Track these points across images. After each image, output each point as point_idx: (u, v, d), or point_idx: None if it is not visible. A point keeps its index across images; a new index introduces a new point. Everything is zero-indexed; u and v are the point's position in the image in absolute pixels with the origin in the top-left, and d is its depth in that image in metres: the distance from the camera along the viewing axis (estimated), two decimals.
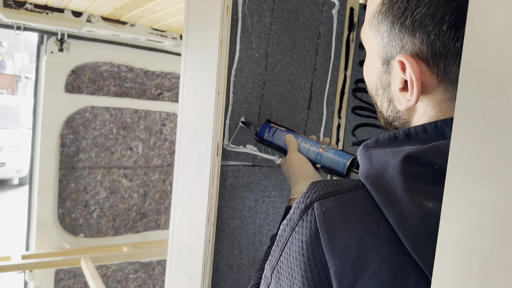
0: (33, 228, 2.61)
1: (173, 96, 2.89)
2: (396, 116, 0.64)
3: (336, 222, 0.52)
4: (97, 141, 2.70)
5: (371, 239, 0.50)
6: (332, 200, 0.53)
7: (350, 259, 0.51)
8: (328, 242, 0.52)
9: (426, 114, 0.58)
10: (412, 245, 0.48)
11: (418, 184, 0.50)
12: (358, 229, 0.51)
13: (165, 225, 3.07)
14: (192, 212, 1.09)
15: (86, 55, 2.53)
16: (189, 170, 1.12)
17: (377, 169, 0.53)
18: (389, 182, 0.51)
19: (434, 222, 0.47)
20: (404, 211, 0.49)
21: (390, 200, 0.50)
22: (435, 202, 0.48)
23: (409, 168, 0.51)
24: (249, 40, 1.21)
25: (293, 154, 1.07)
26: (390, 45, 0.59)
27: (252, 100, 1.26)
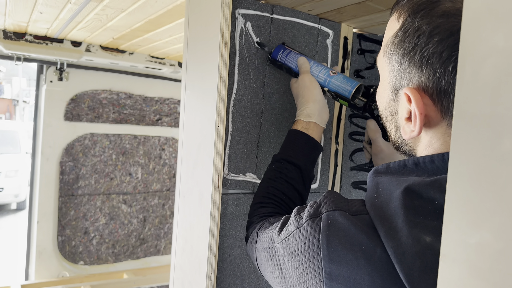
0: (33, 257, 2.59)
1: (171, 121, 2.91)
2: (402, 143, 0.67)
3: (338, 238, 0.55)
4: (96, 167, 2.71)
5: (367, 262, 0.52)
6: (338, 216, 0.57)
7: (343, 274, 0.54)
8: (327, 254, 0.55)
9: (431, 145, 0.60)
10: (408, 277, 0.49)
11: (418, 218, 0.51)
12: (356, 249, 0.53)
13: (165, 250, 3.05)
14: (194, 244, 1.09)
15: (85, 83, 2.56)
16: (190, 201, 1.13)
17: (382, 200, 0.56)
18: (392, 215, 0.53)
19: (430, 257, 0.48)
20: (402, 244, 0.50)
21: (391, 232, 0.52)
22: (433, 236, 0.49)
23: (411, 202, 0.52)
24: (247, 72, 1.24)
25: (305, 75, 1.09)
26: (399, 76, 0.61)
27: (251, 129, 1.28)
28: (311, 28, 1.37)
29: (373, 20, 1.37)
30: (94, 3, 1.54)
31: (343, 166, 1.53)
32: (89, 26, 1.93)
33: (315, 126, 1.02)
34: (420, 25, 0.57)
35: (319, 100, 1.04)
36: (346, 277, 0.54)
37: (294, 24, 1.33)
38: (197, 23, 1.20)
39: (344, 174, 1.53)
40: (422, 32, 0.57)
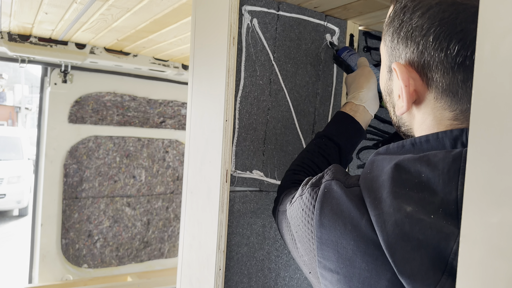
0: (36, 260, 2.58)
1: (175, 124, 2.91)
2: (400, 122, 0.69)
3: (330, 205, 0.59)
4: (100, 170, 2.70)
5: (353, 228, 0.56)
6: (334, 185, 0.61)
7: (332, 239, 0.58)
8: (319, 219, 0.60)
9: (424, 121, 0.62)
10: (386, 243, 0.51)
11: (403, 190, 0.53)
12: (345, 216, 0.57)
13: (169, 253, 3.03)
14: (202, 240, 1.08)
15: (90, 86, 2.56)
16: (198, 197, 1.13)
17: (374, 175, 0.58)
18: (379, 187, 0.56)
19: (408, 225, 0.50)
20: (384, 212, 0.53)
21: (375, 202, 0.55)
22: (415, 207, 0.51)
23: (398, 175, 0.55)
24: (253, 68, 1.24)
25: (365, 68, 1.14)
26: (392, 54, 0.64)
27: (258, 126, 1.27)
28: (317, 25, 1.37)
29: (379, 17, 1.37)
30: (99, 2, 1.54)
31: (350, 164, 1.52)
32: (94, 27, 1.93)
33: (364, 111, 1.05)
34: (406, 3, 0.61)
35: (373, 89, 1.08)
36: (335, 241, 0.57)
37: (300, 21, 1.33)
38: (204, 18, 1.20)
39: (350, 172, 1.52)
40: (407, 9, 0.60)
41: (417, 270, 0.49)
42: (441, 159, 0.53)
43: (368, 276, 0.54)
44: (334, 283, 0.59)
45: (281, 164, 1.34)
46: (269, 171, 1.31)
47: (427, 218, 0.50)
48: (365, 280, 0.55)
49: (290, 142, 1.35)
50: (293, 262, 1.40)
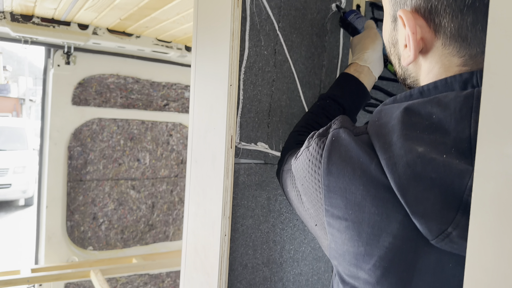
0: (42, 242, 2.59)
1: (179, 107, 2.90)
2: (406, 74, 0.67)
3: (338, 152, 0.58)
4: (104, 153, 2.70)
5: (362, 173, 0.55)
6: (342, 133, 0.59)
7: (340, 185, 0.56)
8: (326, 167, 0.58)
9: (431, 70, 0.60)
10: (397, 185, 0.50)
11: (414, 132, 0.52)
12: (354, 162, 0.56)
13: (174, 236, 3.04)
14: (207, 208, 1.08)
15: (93, 68, 2.55)
16: (203, 165, 1.12)
17: (382, 121, 0.57)
18: (389, 132, 0.54)
19: (420, 165, 0.49)
20: (395, 155, 0.51)
21: (385, 146, 0.53)
22: (426, 147, 0.50)
23: (409, 118, 0.53)
24: (257, 38, 1.22)
25: (372, 29, 1.12)
26: (396, 3, 0.62)
27: (262, 98, 1.26)
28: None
29: None
30: None
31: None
32: (96, 5, 1.92)
33: (368, 72, 1.04)
34: None
35: (378, 50, 1.06)
36: (343, 187, 0.56)
37: None
38: None
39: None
40: None
41: (431, 210, 0.48)
42: (452, 99, 0.52)
43: (378, 220, 0.53)
44: (342, 230, 0.57)
45: (286, 136, 1.33)
46: (274, 144, 1.30)
47: (440, 157, 0.49)
48: (375, 224, 0.54)
49: (295, 115, 1.34)
50: (299, 235, 1.39)
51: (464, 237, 0.47)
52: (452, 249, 0.49)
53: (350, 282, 0.59)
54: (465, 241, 0.47)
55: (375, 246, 0.54)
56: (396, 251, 0.52)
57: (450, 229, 0.48)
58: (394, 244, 0.52)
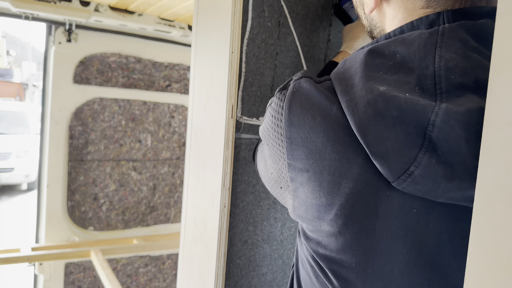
0: (43, 221, 2.59)
1: (181, 88, 2.87)
2: (372, 25, 0.66)
3: (299, 102, 0.55)
4: (105, 133, 2.68)
5: (323, 119, 0.53)
6: (303, 82, 0.57)
7: (301, 135, 0.54)
8: (288, 118, 0.56)
9: (395, 16, 0.59)
10: (358, 126, 0.48)
11: (377, 73, 0.50)
12: (315, 109, 0.54)
13: (175, 218, 3.04)
14: (207, 179, 1.06)
15: (94, 46, 2.52)
16: (203, 136, 1.10)
17: (346, 67, 0.55)
18: (351, 75, 0.53)
19: (382, 103, 0.47)
20: (356, 96, 0.50)
21: (347, 88, 0.51)
22: (388, 87, 0.48)
23: (372, 60, 0.52)
24: (261, 9, 1.19)
25: None
26: None
27: (265, 71, 1.23)
28: None
29: None
30: None
31: None
32: None
33: None
34: None
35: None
36: (304, 137, 0.54)
37: None
38: None
39: None
40: None
41: (392, 149, 0.46)
42: (417, 36, 0.50)
43: (338, 166, 0.51)
44: (304, 183, 0.55)
45: None
46: None
47: (402, 95, 0.47)
48: (335, 170, 0.51)
49: None
50: None
51: (428, 176, 0.45)
52: (415, 191, 0.47)
53: (314, 237, 0.57)
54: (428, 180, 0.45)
55: (336, 194, 0.52)
56: (357, 197, 0.51)
57: (412, 168, 0.45)
58: (354, 189, 0.51)
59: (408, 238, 0.49)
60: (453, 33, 0.49)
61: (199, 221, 1.09)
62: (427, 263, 0.50)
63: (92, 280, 2.78)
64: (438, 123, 0.44)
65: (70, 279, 2.70)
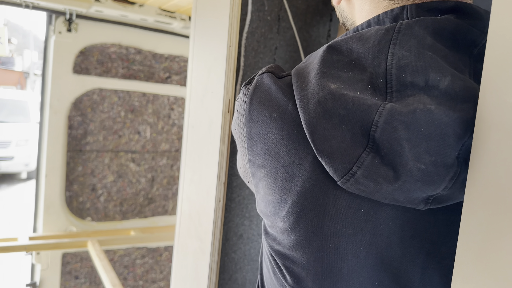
0: (40, 211, 2.59)
1: (181, 80, 2.86)
2: (344, 17, 0.66)
3: (259, 97, 0.55)
4: (104, 124, 2.68)
5: (278, 116, 0.52)
6: (266, 77, 0.56)
7: (259, 131, 0.54)
8: (248, 114, 0.56)
9: (363, 9, 0.59)
10: (307, 124, 0.48)
11: (332, 70, 0.50)
12: (272, 105, 0.53)
13: (173, 211, 3.04)
14: (202, 173, 1.05)
15: (94, 36, 2.51)
16: (199, 130, 1.09)
17: (308, 62, 0.55)
18: (309, 71, 0.52)
19: (330, 102, 0.46)
20: (309, 93, 0.49)
21: (302, 85, 0.51)
22: (341, 84, 0.48)
23: (330, 56, 0.51)
24: (261, 2, 1.18)
25: None
26: None
27: (264, 66, 1.22)
28: None
29: None
30: None
31: None
32: None
33: None
34: None
35: None
36: (261, 133, 0.54)
37: None
38: None
39: None
40: None
41: (336, 148, 0.46)
42: (374, 33, 0.49)
43: (291, 163, 0.51)
44: (262, 179, 0.55)
45: None
46: None
47: (352, 93, 0.46)
48: (288, 168, 0.52)
49: None
50: None
51: (370, 177, 0.44)
52: (359, 191, 0.47)
53: (271, 233, 0.58)
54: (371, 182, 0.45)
55: (288, 191, 0.52)
56: (306, 195, 0.51)
57: (355, 168, 0.45)
58: (304, 187, 0.51)
59: (357, 238, 0.49)
60: (409, 30, 0.47)
61: (194, 215, 1.09)
62: (377, 263, 0.50)
63: (89, 270, 2.79)
64: (381, 124, 0.43)
65: (67, 269, 2.71)
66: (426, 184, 0.43)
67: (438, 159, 0.42)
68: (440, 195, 0.44)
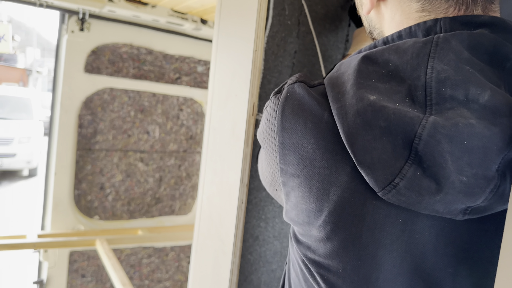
0: (49, 209, 2.60)
1: (191, 81, 2.87)
2: (371, 26, 0.66)
3: (292, 107, 0.55)
4: (114, 123, 2.69)
5: (313, 126, 0.53)
6: (297, 87, 0.56)
7: (293, 141, 0.55)
8: (281, 123, 0.56)
9: (393, 19, 0.59)
10: (346, 134, 0.49)
11: (369, 81, 0.50)
12: (306, 115, 0.54)
13: (180, 211, 3.05)
14: (224, 175, 1.06)
15: (107, 36, 2.52)
16: (221, 132, 1.10)
17: (340, 72, 0.55)
18: (344, 81, 0.52)
19: (370, 113, 0.47)
20: (346, 104, 0.50)
21: (338, 95, 0.52)
22: (379, 96, 0.48)
23: (365, 67, 0.52)
24: (282, 7, 1.19)
25: None
26: None
27: (283, 69, 1.24)
28: None
29: None
30: None
31: None
32: None
33: None
34: None
35: None
36: (295, 142, 0.55)
37: None
38: None
39: None
40: None
41: (378, 159, 0.46)
42: (411, 45, 0.50)
43: (327, 173, 0.52)
44: (295, 188, 0.56)
45: None
46: None
47: (392, 105, 0.47)
48: (324, 178, 0.52)
49: None
50: None
51: (412, 189, 0.45)
52: (399, 202, 0.48)
53: (304, 241, 0.58)
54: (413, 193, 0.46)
55: (325, 200, 0.53)
56: (344, 205, 0.51)
57: (397, 180, 0.46)
58: (342, 197, 0.51)
59: (394, 247, 0.50)
60: (447, 44, 0.49)
61: (214, 216, 1.10)
62: (410, 271, 0.50)
63: (95, 269, 2.80)
64: (425, 137, 0.44)
65: (74, 267, 2.72)
66: (467, 196, 0.44)
67: (479, 172, 0.43)
68: (478, 206, 0.45)
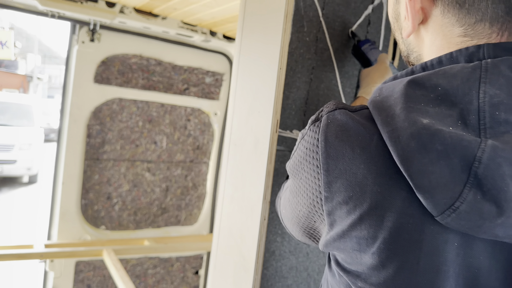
0: (56, 218, 2.60)
1: (199, 92, 2.89)
2: (409, 49, 0.66)
3: (335, 133, 0.55)
4: (122, 133, 2.70)
5: (362, 151, 0.52)
6: (338, 113, 0.56)
7: (340, 167, 0.54)
8: (325, 150, 0.55)
9: (433, 43, 0.59)
10: (401, 158, 0.48)
11: (419, 105, 0.50)
12: (353, 140, 0.53)
13: (185, 221, 3.05)
14: (246, 191, 1.07)
15: (117, 47, 2.54)
16: (243, 148, 1.11)
17: (384, 96, 0.55)
18: (391, 105, 0.52)
19: (426, 137, 0.47)
20: (398, 128, 0.49)
21: (387, 119, 0.51)
22: (431, 119, 0.48)
23: (413, 91, 0.51)
24: (301, 24, 1.20)
25: (383, 64, 1.14)
26: None
27: (301, 85, 1.25)
28: None
29: None
30: None
31: None
32: None
33: None
34: None
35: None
36: (343, 169, 0.53)
37: None
38: None
39: None
40: None
41: (436, 183, 0.46)
42: (459, 70, 0.51)
43: (380, 198, 0.51)
44: (343, 216, 0.54)
45: None
46: None
47: (446, 129, 0.47)
48: (377, 203, 0.51)
49: None
50: None
51: (473, 212, 0.45)
52: (458, 227, 0.47)
53: (353, 270, 0.57)
54: (473, 217, 0.46)
55: (379, 227, 0.51)
56: (401, 231, 0.50)
57: (458, 204, 0.45)
58: (398, 223, 0.50)
59: (449, 273, 0.50)
60: (496, 69, 0.49)
61: (235, 232, 1.11)
62: None
63: (101, 279, 2.79)
64: (485, 160, 0.44)
65: (80, 277, 2.71)
66: None
67: None
68: None
